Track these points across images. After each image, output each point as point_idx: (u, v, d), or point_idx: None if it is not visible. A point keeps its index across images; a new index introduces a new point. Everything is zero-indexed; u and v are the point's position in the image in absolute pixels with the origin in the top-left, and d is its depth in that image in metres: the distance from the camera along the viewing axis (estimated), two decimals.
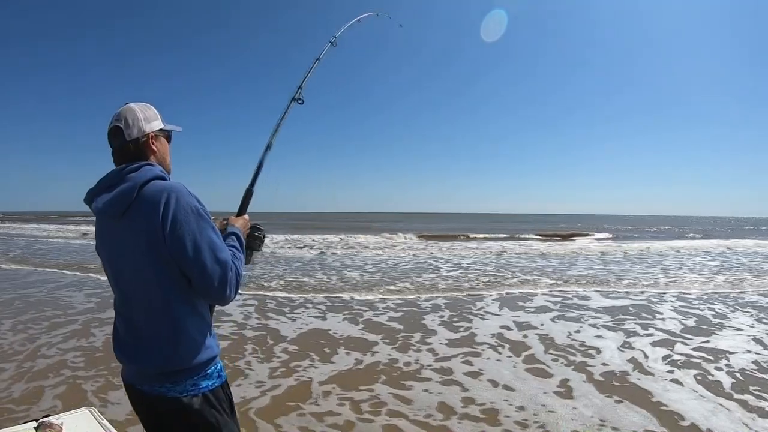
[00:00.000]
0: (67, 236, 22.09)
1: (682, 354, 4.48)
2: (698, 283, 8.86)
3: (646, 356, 4.39)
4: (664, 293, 7.74)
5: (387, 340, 4.89)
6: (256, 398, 3.35)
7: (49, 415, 1.72)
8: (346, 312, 6.23)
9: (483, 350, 4.57)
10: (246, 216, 1.51)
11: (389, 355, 4.42)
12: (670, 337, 5.05)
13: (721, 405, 3.29)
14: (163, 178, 1.19)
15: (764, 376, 3.86)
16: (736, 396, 3.45)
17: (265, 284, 8.31)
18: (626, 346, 4.74)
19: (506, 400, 3.35)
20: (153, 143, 1.25)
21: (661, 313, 6.25)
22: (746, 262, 12.82)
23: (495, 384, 3.67)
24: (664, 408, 3.23)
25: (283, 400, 3.34)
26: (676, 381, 3.76)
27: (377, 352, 4.51)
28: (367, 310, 6.33)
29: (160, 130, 1.28)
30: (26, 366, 3.90)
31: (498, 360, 4.28)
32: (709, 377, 3.85)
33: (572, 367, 4.08)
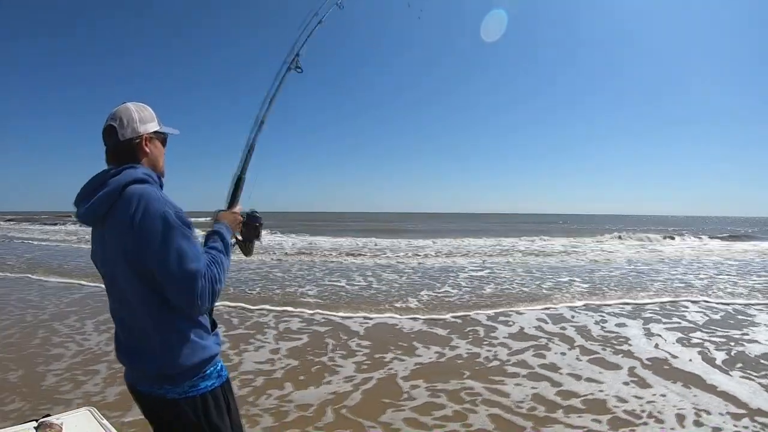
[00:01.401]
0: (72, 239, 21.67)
1: (702, 340, 4.72)
2: None
3: (665, 341, 4.73)
4: None
5: (456, 334, 4.99)
6: (350, 393, 3.39)
7: (49, 415, 1.71)
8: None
9: (545, 344, 4.66)
10: (237, 207, 1.44)
11: (469, 349, 4.51)
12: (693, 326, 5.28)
13: (756, 385, 3.57)
14: (142, 181, 1.16)
15: None
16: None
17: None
18: (647, 333, 5.01)
19: (601, 391, 3.42)
20: (146, 145, 1.24)
21: (687, 307, 6.43)
22: None
23: (578, 377, 3.75)
24: (720, 389, 3.45)
25: (377, 395, 3.38)
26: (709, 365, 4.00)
27: (458, 346, 4.59)
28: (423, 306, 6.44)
29: (155, 132, 1.26)
30: (117, 367, 3.92)
31: (562, 353, 4.37)
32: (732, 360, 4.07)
33: (621, 355, 4.29)
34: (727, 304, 6.61)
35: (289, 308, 6.20)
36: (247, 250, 1.45)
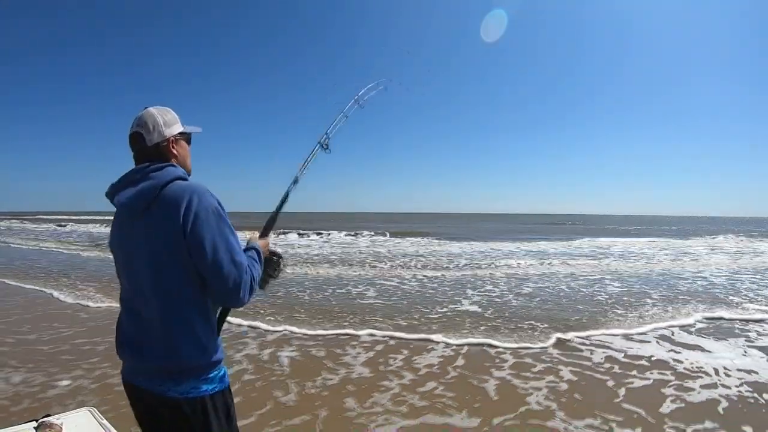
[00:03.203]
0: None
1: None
2: None
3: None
4: None
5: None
6: (455, 357, 4.22)
7: (49, 415, 1.70)
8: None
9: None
10: (268, 239, 1.53)
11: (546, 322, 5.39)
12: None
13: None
14: (184, 179, 1.22)
15: None
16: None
17: None
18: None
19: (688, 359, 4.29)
20: (174, 147, 1.27)
21: None
22: None
23: (643, 341, 4.63)
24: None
25: (476, 359, 4.20)
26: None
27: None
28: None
29: (180, 133, 1.30)
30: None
31: (620, 319, 5.25)
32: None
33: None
34: None
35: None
36: (264, 282, 1.52)
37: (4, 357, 4.14)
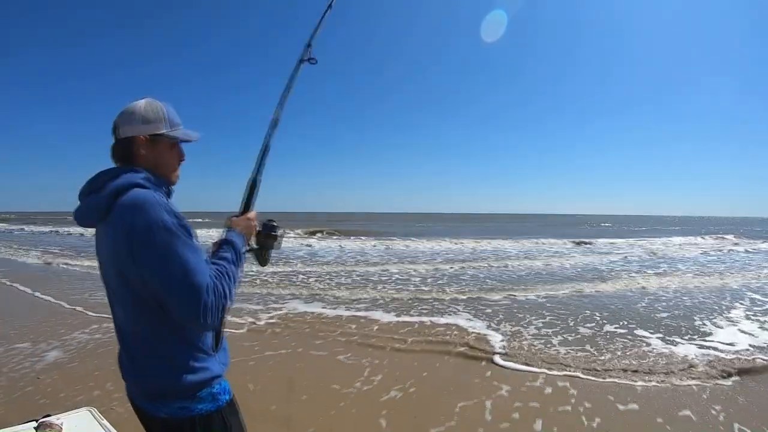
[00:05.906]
0: None
1: None
2: None
3: None
4: None
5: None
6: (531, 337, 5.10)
7: (49, 415, 1.70)
8: None
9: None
10: (251, 213, 1.33)
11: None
12: None
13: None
14: (141, 186, 1.08)
15: None
16: None
17: None
18: None
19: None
20: (143, 147, 1.14)
21: None
22: None
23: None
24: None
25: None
26: None
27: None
28: None
29: (161, 134, 1.16)
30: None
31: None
32: None
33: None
34: None
35: None
36: (263, 259, 1.38)
37: None
